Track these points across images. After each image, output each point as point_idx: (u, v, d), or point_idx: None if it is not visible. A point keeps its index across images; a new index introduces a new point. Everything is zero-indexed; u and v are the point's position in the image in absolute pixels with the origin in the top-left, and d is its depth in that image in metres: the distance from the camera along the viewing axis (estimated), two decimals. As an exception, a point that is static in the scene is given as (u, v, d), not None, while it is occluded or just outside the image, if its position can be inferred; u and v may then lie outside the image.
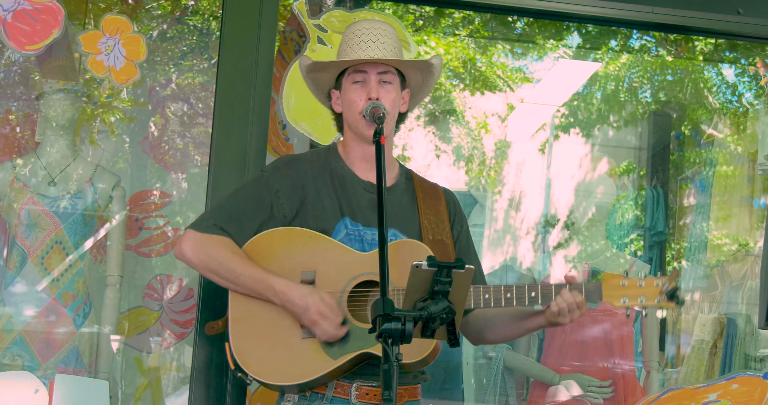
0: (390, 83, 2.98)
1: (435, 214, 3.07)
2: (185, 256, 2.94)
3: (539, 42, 5.88)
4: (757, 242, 5.58)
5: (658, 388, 4.88)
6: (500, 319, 3.06)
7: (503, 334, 3.11)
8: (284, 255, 2.92)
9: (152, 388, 4.75)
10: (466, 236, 3.17)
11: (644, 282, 2.89)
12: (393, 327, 2.24)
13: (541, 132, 6.37)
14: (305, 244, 2.93)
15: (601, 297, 2.89)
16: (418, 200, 3.08)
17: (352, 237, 2.95)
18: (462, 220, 3.18)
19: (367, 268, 2.88)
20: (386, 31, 3.01)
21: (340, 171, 3.04)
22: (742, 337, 5.42)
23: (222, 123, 3.75)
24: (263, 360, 2.85)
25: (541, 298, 2.88)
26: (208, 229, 2.93)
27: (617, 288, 2.89)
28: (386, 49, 2.98)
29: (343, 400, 2.85)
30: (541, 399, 4.91)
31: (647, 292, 2.88)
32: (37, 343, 4.20)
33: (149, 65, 5.00)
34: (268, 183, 3.00)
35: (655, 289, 2.88)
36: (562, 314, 2.86)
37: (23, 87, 4.91)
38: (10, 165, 4.40)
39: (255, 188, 3.02)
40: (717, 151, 5.91)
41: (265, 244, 2.94)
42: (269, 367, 2.84)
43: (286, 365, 2.83)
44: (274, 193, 2.98)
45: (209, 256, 2.90)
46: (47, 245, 4.25)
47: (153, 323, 4.70)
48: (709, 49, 5.86)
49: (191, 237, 2.94)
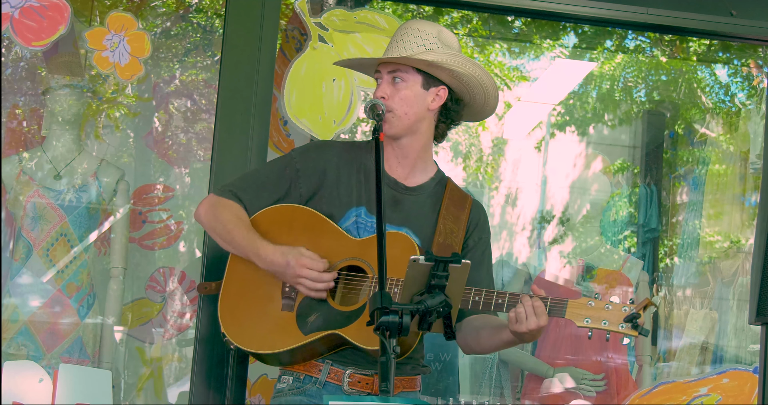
0: (402, 81, 2.96)
1: (454, 221, 3.04)
2: (199, 216, 3.04)
3: (536, 42, 5.89)
4: (748, 239, 5.57)
5: (650, 382, 4.91)
6: (483, 329, 2.98)
7: (483, 344, 3.00)
8: (284, 231, 2.97)
9: (154, 379, 4.76)
10: (482, 249, 3.10)
11: (612, 306, 2.73)
12: (390, 320, 2.24)
13: (538, 130, 6.37)
14: (304, 224, 2.97)
15: (564, 313, 2.76)
16: (442, 206, 3.04)
17: (362, 227, 2.96)
18: (482, 232, 3.11)
19: (354, 253, 2.90)
20: (415, 30, 2.99)
21: (369, 165, 3.01)
22: (732, 332, 5.46)
23: (224, 119, 3.77)
24: (243, 326, 2.90)
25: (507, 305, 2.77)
26: (225, 194, 3.01)
27: (583, 307, 2.75)
28: (405, 47, 2.97)
29: (335, 385, 2.88)
30: (536, 392, 4.94)
31: (611, 317, 2.72)
32: (41, 333, 4.22)
33: (153, 62, 4.99)
34: (293, 162, 3.03)
35: (621, 314, 2.71)
36: (519, 320, 2.73)
37: (30, 82, 4.90)
38: (16, 158, 4.42)
39: (280, 164, 3.07)
40: (710, 150, 5.92)
41: (270, 218, 3.00)
42: (247, 334, 2.89)
43: (261, 334, 2.88)
44: (296, 171, 3.01)
45: (215, 217, 2.98)
46: (52, 237, 4.28)
47: (155, 315, 4.73)
48: (702, 49, 5.86)
49: (208, 199, 3.05)
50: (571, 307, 2.76)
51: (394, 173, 3.03)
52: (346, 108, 3.96)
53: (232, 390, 3.61)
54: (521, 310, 2.73)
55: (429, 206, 3.04)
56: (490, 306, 2.79)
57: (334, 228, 2.96)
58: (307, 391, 2.90)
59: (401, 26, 3.05)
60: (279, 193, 3.01)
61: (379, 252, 2.44)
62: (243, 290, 2.95)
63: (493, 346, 2.99)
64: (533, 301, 2.74)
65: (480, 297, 2.79)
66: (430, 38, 2.98)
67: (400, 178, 3.04)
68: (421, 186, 3.06)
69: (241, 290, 2.95)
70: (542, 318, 2.74)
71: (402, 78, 2.96)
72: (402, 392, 2.95)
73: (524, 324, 2.73)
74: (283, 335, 2.86)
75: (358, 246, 2.92)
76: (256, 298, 2.93)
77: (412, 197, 3.02)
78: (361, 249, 2.90)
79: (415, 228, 2.98)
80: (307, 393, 2.90)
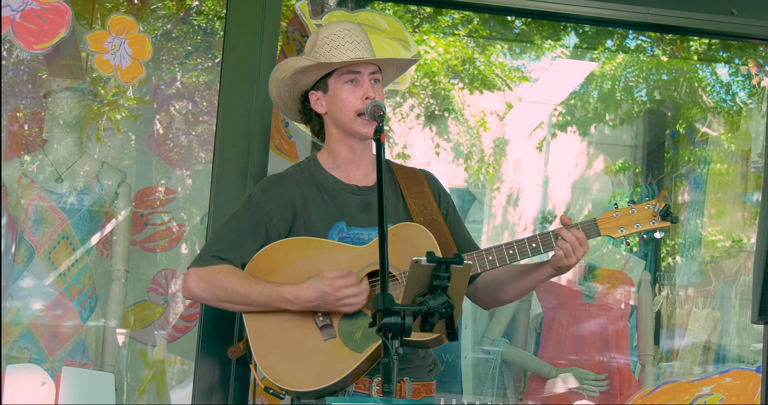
0: (379, 81, 3.02)
1: (420, 196, 3.08)
2: (193, 294, 2.93)
3: (537, 42, 5.89)
4: (750, 238, 5.58)
5: (652, 382, 4.91)
6: (508, 277, 3.05)
7: (514, 291, 3.07)
8: (286, 266, 2.92)
9: (157, 381, 4.75)
10: (453, 211, 3.19)
11: (636, 208, 2.90)
12: (393, 321, 2.26)
13: (539, 130, 6.37)
14: (303, 252, 2.93)
15: (599, 231, 2.90)
16: (402, 187, 3.08)
17: (348, 241, 2.96)
18: (446, 196, 3.19)
19: (369, 259, 2.88)
20: (362, 32, 3.04)
21: (324, 181, 3.04)
22: (735, 331, 5.46)
23: (225, 121, 3.77)
24: (292, 370, 2.82)
25: (543, 246, 2.89)
26: (209, 261, 2.92)
27: (612, 220, 2.90)
28: (370, 49, 3.02)
29: (364, 395, 2.86)
30: (539, 392, 4.95)
31: (641, 218, 2.89)
32: (44, 336, 4.21)
33: (154, 64, 4.98)
34: (259, 206, 2.99)
35: (648, 212, 2.89)
36: (568, 255, 2.85)
37: (31, 85, 4.90)
38: (18, 162, 4.41)
39: (247, 213, 3.01)
40: (711, 149, 5.92)
41: (266, 261, 2.93)
42: (300, 375, 2.81)
43: (315, 370, 2.80)
44: (266, 214, 2.97)
45: (215, 286, 2.89)
46: (54, 240, 4.27)
47: (158, 317, 4.72)
48: (703, 49, 5.87)
49: (194, 273, 2.93)
50: (602, 223, 2.91)
51: (353, 179, 3.05)
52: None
53: (234, 392, 3.60)
54: (567, 246, 2.85)
55: (391, 193, 3.08)
56: (527, 253, 2.89)
57: (333, 244, 2.95)
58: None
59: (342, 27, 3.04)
60: (259, 241, 2.95)
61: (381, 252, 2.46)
62: (275, 339, 2.87)
63: (529, 288, 3.08)
64: (575, 233, 2.86)
65: (513, 250, 2.88)
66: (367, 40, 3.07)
67: (359, 182, 3.06)
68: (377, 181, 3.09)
69: (273, 339, 2.87)
70: (586, 245, 2.88)
71: (379, 78, 3.03)
72: (425, 397, 2.96)
73: (572, 257, 2.85)
74: (340, 362, 2.80)
75: (368, 252, 2.90)
76: (292, 340, 2.86)
77: (374, 195, 3.01)
78: (373, 254, 2.86)
79: (392, 219, 2.98)
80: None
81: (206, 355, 3.61)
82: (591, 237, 2.91)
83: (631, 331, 4.99)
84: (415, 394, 2.91)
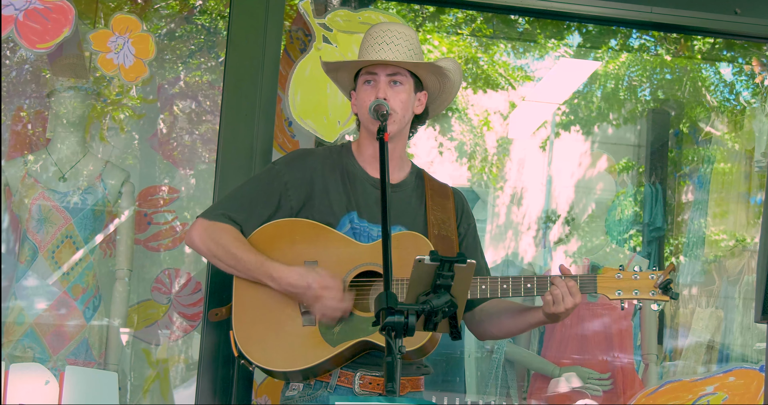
0: (401, 84, 3.01)
1: (442, 211, 3.10)
2: (194, 243, 3.00)
3: (540, 41, 5.89)
4: (753, 238, 5.58)
5: (656, 381, 4.90)
6: (504, 314, 3.07)
7: (506, 328, 3.11)
8: (287, 245, 2.95)
9: (160, 380, 4.76)
10: (473, 235, 3.19)
11: (639, 275, 2.89)
12: (396, 320, 2.24)
13: (542, 129, 6.38)
14: (308, 235, 2.96)
15: (596, 289, 2.89)
16: (427, 197, 3.11)
17: (358, 232, 2.98)
18: (469, 218, 3.21)
19: (367, 258, 2.91)
20: (402, 34, 3.03)
21: (351, 168, 3.07)
22: (738, 330, 5.45)
23: (229, 120, 3.78)
24: (265, 347, 2.87)
25: (537, 289, 2.88)
26: (217, 217, 2.98)
27: (612, 280, 2.89)
28: (399, 51, 3.00)
29: (346, 388, 2.88)
30: (542, 391, 4.94)
31: (642, 286, 2.87)
32: (47, 335, 4.22)
33: (158, 63, 4.99)
34: (279, 175, 3.04)
35: (650, 282, 2.87)
36: (557, 302, 2.84)
37: (35, 85, 4.90)
38: (21, 161, 4.41)
39: (265, 179, 3.06)
40: (714, 149, 5.91)
41: (270, 235, 2.97)
42: (271, 354, 2.86)
43: (287, 352, 2.85)
44: (283, 184, 3.02)
45: (215, 242, 2.95)
46: (58, 239, 4.27)
47: (161, 316, 4.72)
48: (707, 48, 5.87)
49: (200, 224, 3.00)
50: (601, 281, 2.90)
51: (377, 173, 3.05)
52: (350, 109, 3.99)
53: (237, 391, 3.60)
54: (557, 292, 2.84)
55: (415, 200, 3.10)
56: (520, 292, 2.88)
57: (339, 236, 2.97)
58: (318, 398, 2.91)
59: (380, 29, 3.06)
60: (271, 209, 3.01)
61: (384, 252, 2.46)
62: (257, 312, 2.92)
63: (520, 328, 3.10)
64: (567, 282, 2.85)
65: (507, 284, 2.88)
66: (416, 44, 3.07)
67: None
68: (403, 182, 3.12)
69: (255, 312, 2.92)
70: (577, 297, 2.86)
71: (400, 81, 3.02)
72: (410, 392, 2.97)
73: (561, 304, 2.84)
74: (311, 350, 2.84)
75: (368, 251, 2.93)
76: (273, 318, 2.90)
77: (397, 194, 3.06)
78: (373, 253, 2.91)
79: (408, 223, 3.02)
80: (318, 399, 2.91)
81: (210, 354, 3.62)
82: (587, 292, 2.90)
83: (634, 330, 4.99)
84: (401, 389, 2.92)
